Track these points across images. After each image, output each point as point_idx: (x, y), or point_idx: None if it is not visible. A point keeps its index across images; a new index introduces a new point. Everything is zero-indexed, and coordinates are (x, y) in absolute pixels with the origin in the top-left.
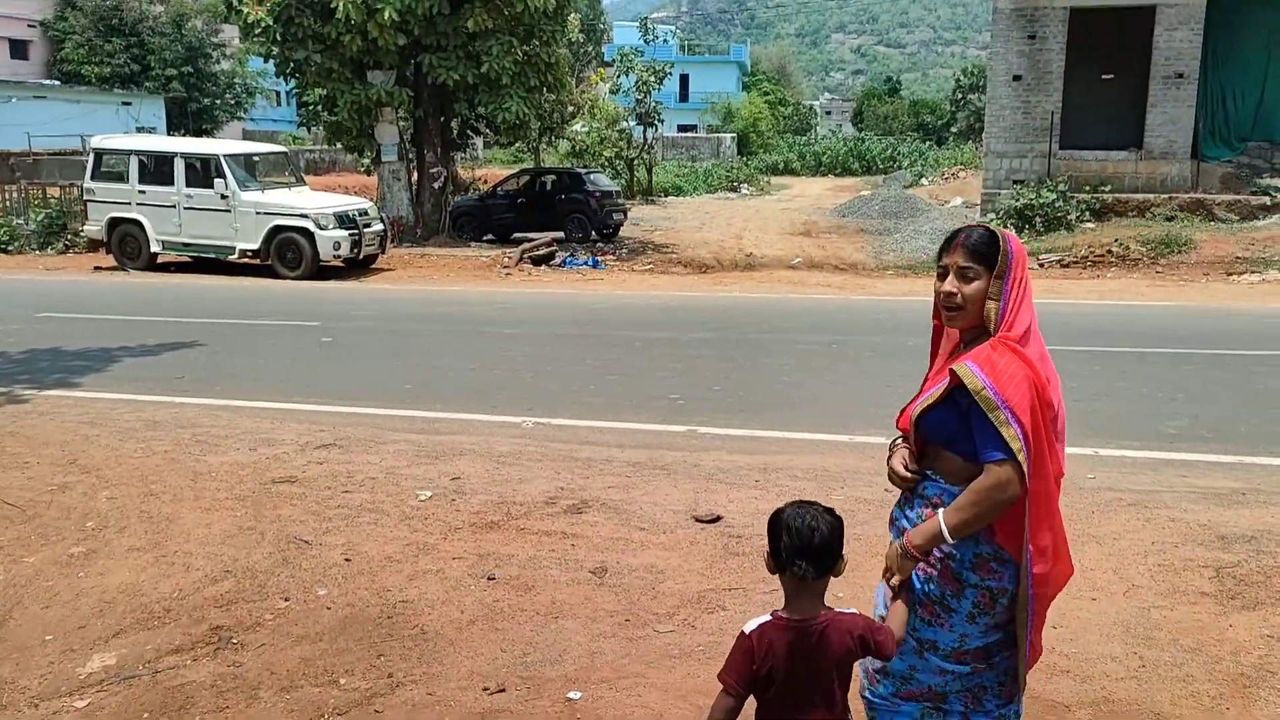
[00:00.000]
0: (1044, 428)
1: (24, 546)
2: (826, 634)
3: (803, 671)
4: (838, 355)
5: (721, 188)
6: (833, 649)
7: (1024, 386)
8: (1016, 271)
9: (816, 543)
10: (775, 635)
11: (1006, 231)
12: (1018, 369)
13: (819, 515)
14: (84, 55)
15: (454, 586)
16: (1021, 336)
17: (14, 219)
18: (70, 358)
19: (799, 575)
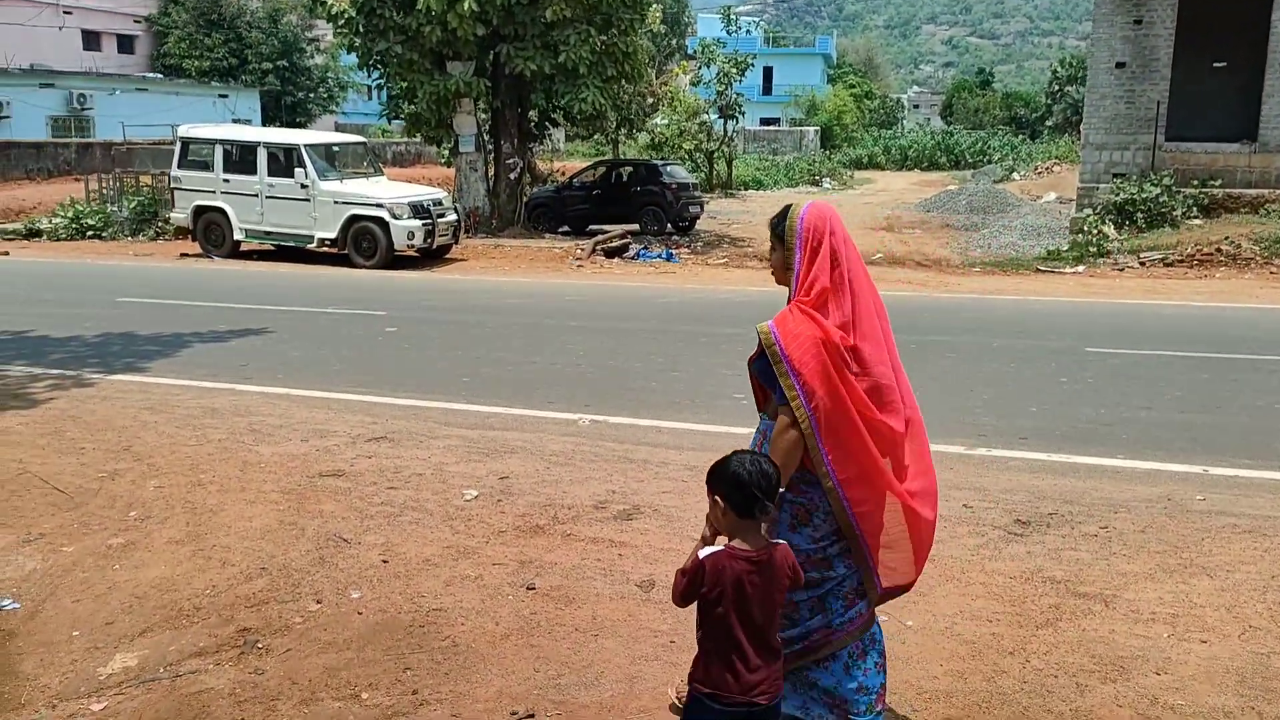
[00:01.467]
0: (840, 378)
1: (65, 535)
2: (774, 563)
3: (759, 598)
4: (916, 356)
5: (803, 181)
6: (779, 578)
7: (808, 344)
8: (804, 242)
9: (775, 483)
10: (730, 564)
11: (811, 204)
12: (805, 329)
13: (761, 459)
14: (185, 49)
15: (491, 595)
16: (817, 298)
17: (109, 206)
18: (142, 342)
19: (763, 514)
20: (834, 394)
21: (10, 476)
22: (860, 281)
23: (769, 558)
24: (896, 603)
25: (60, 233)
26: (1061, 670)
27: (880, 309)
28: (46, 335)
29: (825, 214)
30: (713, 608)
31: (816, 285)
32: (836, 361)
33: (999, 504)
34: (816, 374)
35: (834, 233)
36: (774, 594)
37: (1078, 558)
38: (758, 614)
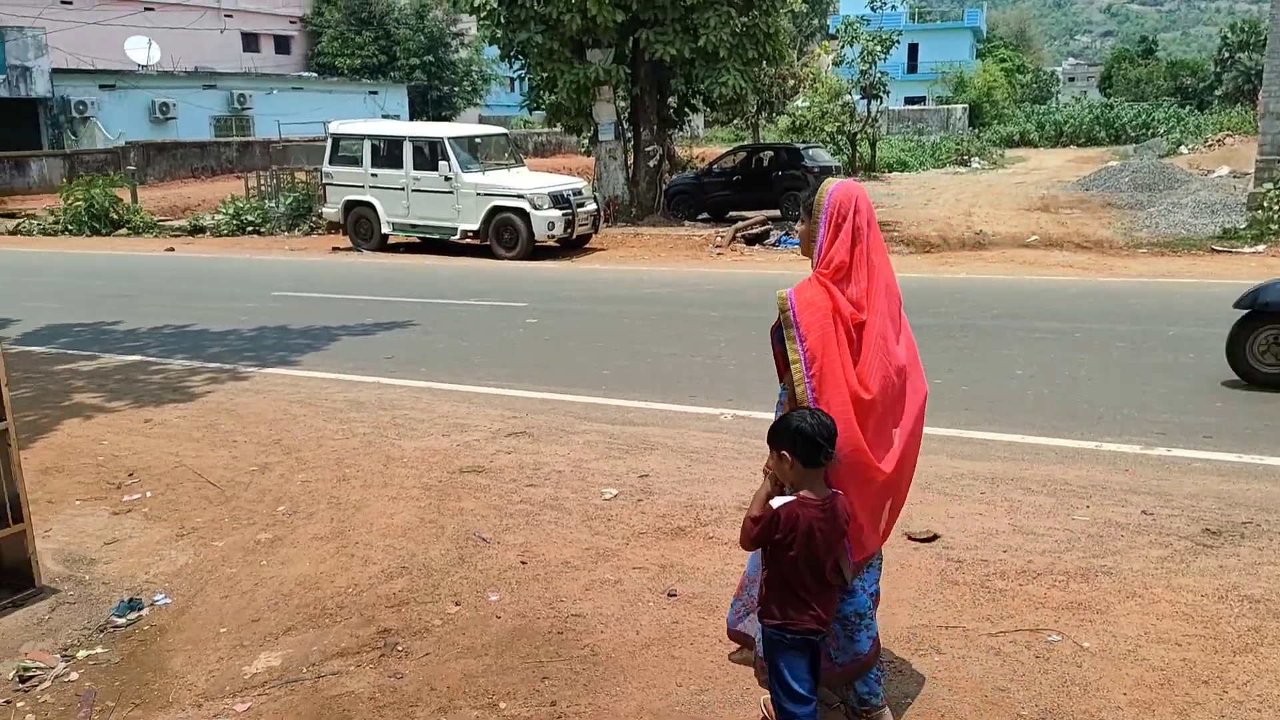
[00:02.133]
0: (839, 350)
1: (216, 530)
2: (838, 508)
3: (825, 541)
4: (1080, 346)
5: (950, 162)
6: (841, 522)
7: (819, 314)
8: (830, 218)
9: (833, 433)
10: (803, 512)
11: (841, 183)
12: (820, 299)
13: (820, 414)
14: (338, 48)
15: (631, 601)
16: (835, 272)
17: (266, 202)
18: (294, 335)
19: (826, 462)
20: (830, 363)
21: (167, 470)
22: (877, 261)
23: (834, 503)
24: (1071, 622)
25: (222, 229)
26: (1265, 704)
27: (893, 289)
28: (206, 329)
29: (853, 193)
30: (784, 552)
31: (836, 259)
32: (841, 333)
33: (1184, 511)
34: (820, 342)
35: (858, 211)
36: (837, 537)
37: (1279, 573)
38: (823, 555)
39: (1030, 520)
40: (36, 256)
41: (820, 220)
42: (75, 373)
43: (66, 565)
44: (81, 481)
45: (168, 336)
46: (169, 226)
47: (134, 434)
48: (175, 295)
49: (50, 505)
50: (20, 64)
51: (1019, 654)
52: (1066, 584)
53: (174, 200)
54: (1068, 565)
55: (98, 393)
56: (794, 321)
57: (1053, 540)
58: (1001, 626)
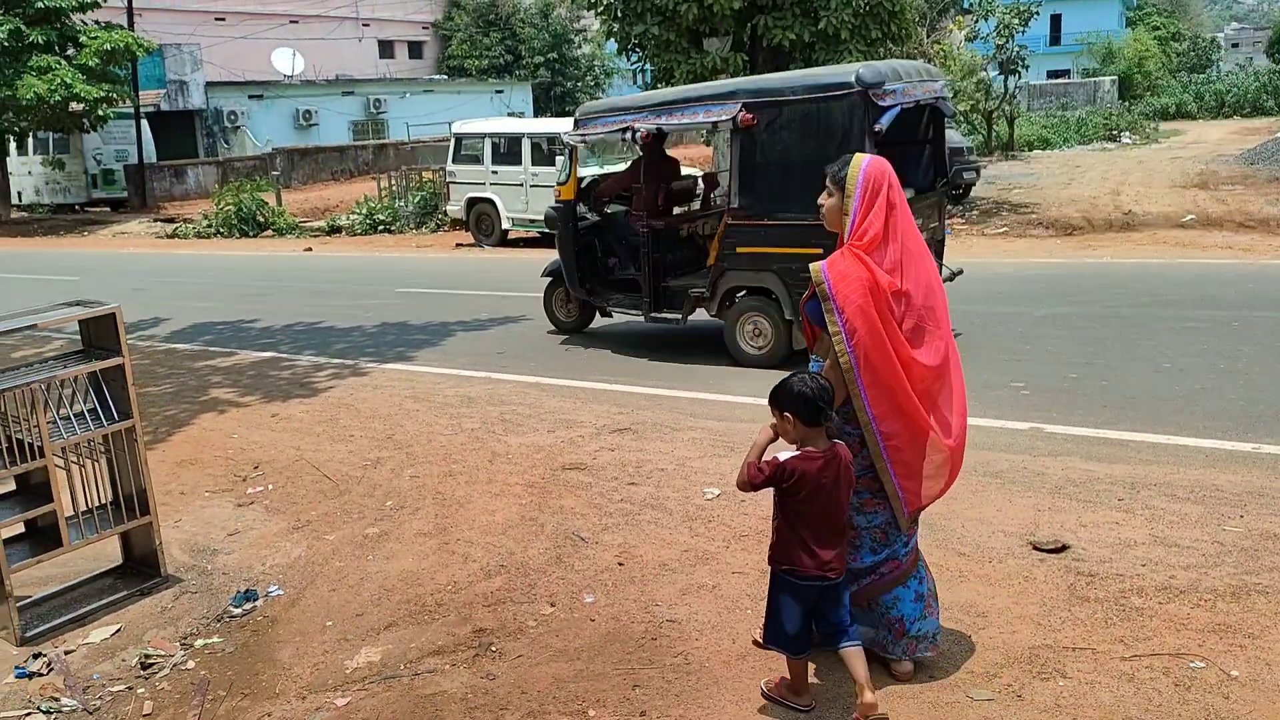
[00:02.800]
0: (880, 319)
1: (329, 523)
2: (841, 458)
3: (828, 486)
4: (1240, 337)
5: (1097, 137)
6: (845, 472)
7: (855, 285)
8: (865, 192)
9: (831, 395)
10: (807, 465)
11: (872, 158)
12: (854, 270)
13: (818, 377)
14: (466, 50)
15: (729, 608)
16: (869, 244)
17: (396, 202)
18: (413, 331)
19: (827, 420)
20: (874, 333)
21: (288, 463)
22: (909, 231)
23: (835, 455)
24: (1217, 649)
25: (356, 228)
26: None
27: (929, 258)
28: (333, 326)
29: (884, 167)
30: (791, 499)
31: (870, 231)
32: (880, 303)
33: None
34: (859, 313)
35: (891, 186)
36: (841, 485)
37: None
38: (829, 503)
39: (1174, 531)
40: (189, 259)
41: (855, 193)
42: (214, 369)
43: (192, 555)
44: (212, 474)
45: (298, 333)
46: (309, 228)
47: (262, 428)
48: (309, 293)
49: (182, 496)
50: (178, 78)
51: (1156, 681)
52: (1214, 604)
53: (315, 202)
54: (1215, 583)
55: (232, 388)
56: (830, 294)
57: (1199, 554)
58: (1137, 650)
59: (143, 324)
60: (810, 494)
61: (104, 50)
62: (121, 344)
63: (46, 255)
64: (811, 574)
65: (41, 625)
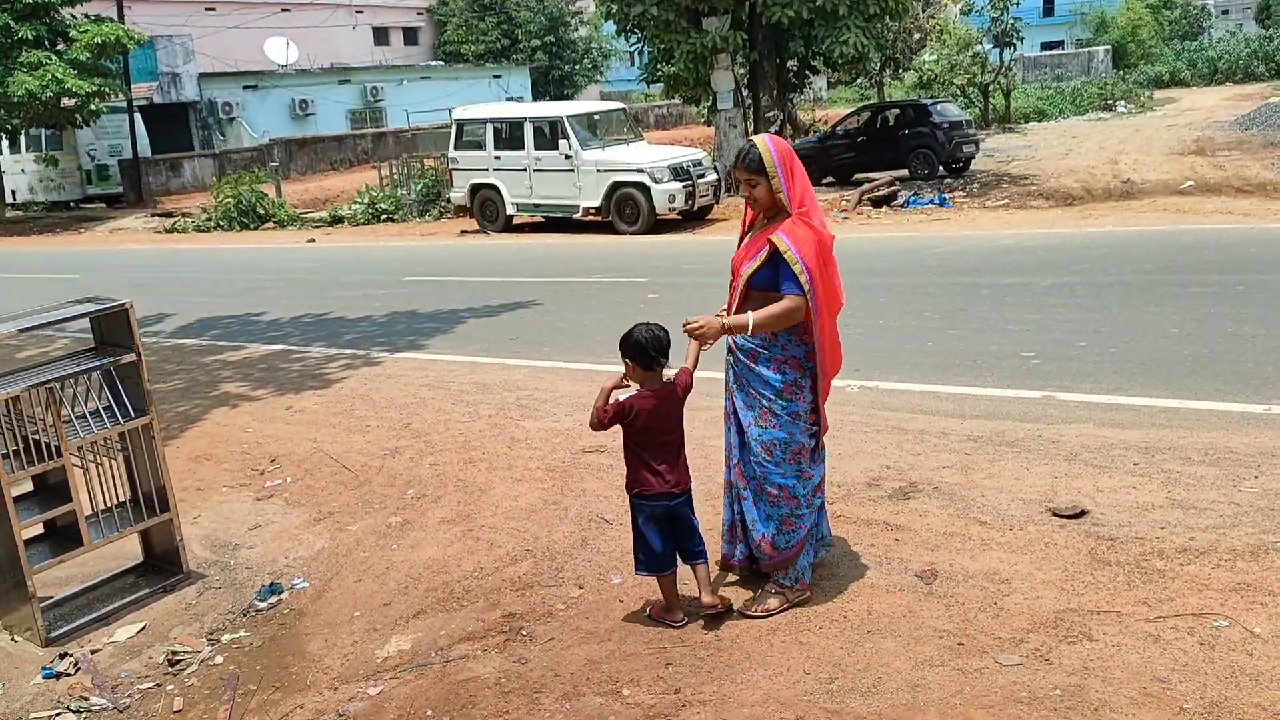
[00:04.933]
0: (825, 268)
1: (350, 514)
2: (671, 395)
3: (664, 414)
4: (1245, 300)
5: (1093, 108)
6: (675, 403)
7: (811, 246)
8: (786, 167)
9: (666, 343)
10: (642, 402)
11: (770, 138)
12: (807, 234)
13: (655, 327)
14: (462, 35)
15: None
16: (810, 208)
17: (399, 190)
18: (423, 320)
19: (660, 368)
20: (825, 283)
21: (306, 455)
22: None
23: (668, 393)
24: (1239, 607)
25: (358, 218)
26: None
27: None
28: (342, 316)
29: (781, 140)
30: (631, 431)
31: (805, 195)
32: (825, 255)
33: None
34: (817, 269)
35: (791, 154)
36: (676, 415)
37: None
38: (663, 431)
39: (1191, 493)
40: (190, 253)
41: (776, 172)
42: (224, 363)
43: (213, 551)
44: (228, 469)
45: (307, 325)
46: (310, 218)
47: (276, 421)
48: (315, 285)
49: (200, 492)
50: (171, 70)
51: (1181, 641)
52: (1233, 563)
53: (315, 193)
54: (1234, 542)
55: (244, 382)
56: (797, 257)
57: (1217, 515)
58: (1160, 611)
59: (147, 320)
60: (645, 425)
61: (95, 44)
62: (135, 340)
63: (43, 254)
64: (658, 492)
65: (65, 625)
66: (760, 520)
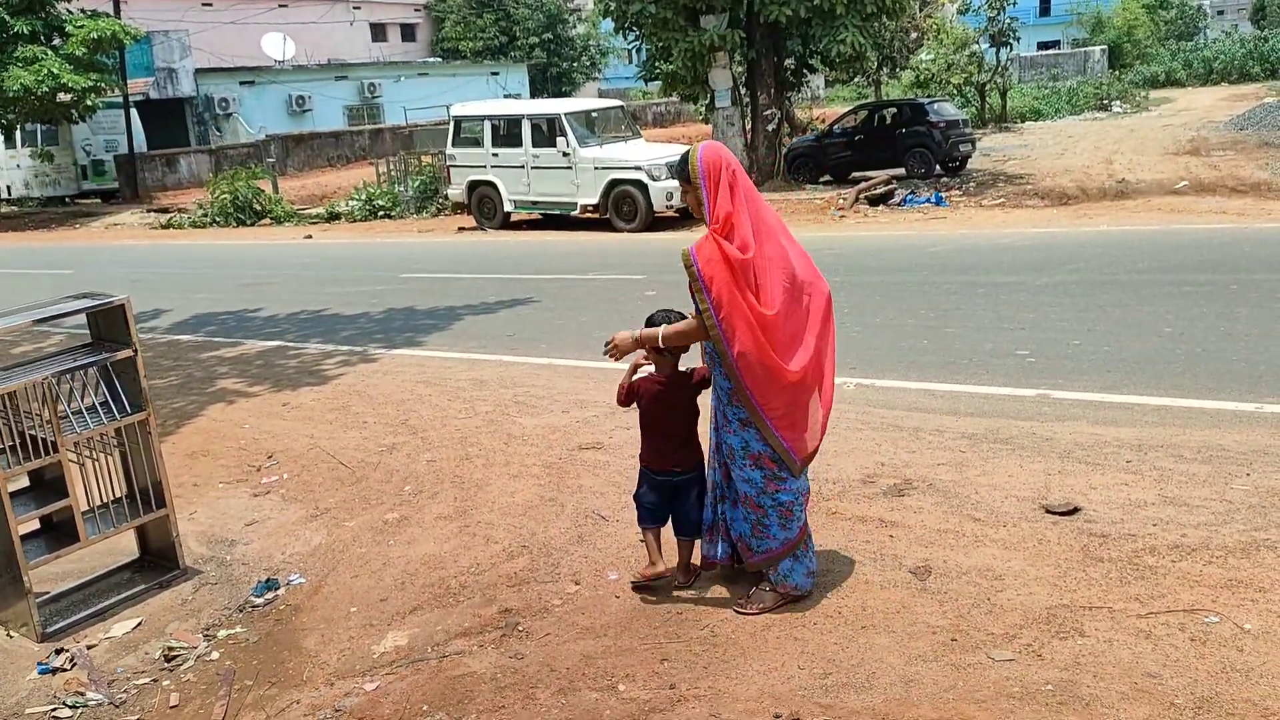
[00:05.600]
0: (739, 286)
1: (347, 510)
2: (680, 380)
3: (669, 404)
4: (1237, 299)
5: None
6: (684, 390)
7: (717, 264)
8: (713, 179)
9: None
10: (649, 385)
11: (706, 145)
12: (714, 252)
13: (674, 313)
14: (460, 32)
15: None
16: (725, 224)
17: (396, 187)
18: (420, 316)
19: (673, 355)
20: (735, 303)
21: (303, 451)
22: (755, 202)
23: (679, 379)
24: (1230, 603)
25: (356, 215)
26: None
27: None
28: (339, 313)
29: (717, 150)
30: (641, 412)
31: (723, 212)
32: (737, 276)
33: None
34: (726, 290)
35: (727, 165)
36: (681, 401)
37: None
38: (670, 414)
39: (1183, 490)
40: (186, 249)
41: (700, 183)
42: (220, 359)
43: (209, 547)
44: (225, 464)
45: (304, 321)
46: (307, 215)
47: (273, 417)
48: (312, 281)
49: (196, 489)
50: (167, 66)
51: (1172, 637)
52: (1225, 560)
53: (312, 189)
54: (1226, 539)
55: (240, 378)
56: (699, 275)
57: (1208, 512)
58: (1152, 607)
59: (143, 316)
60: (650, 405)
61: (91, 39)
62: (132, 335)
63: (38, 250)
64: (663, 469)
65: (61, 621)
66: (738, 520)
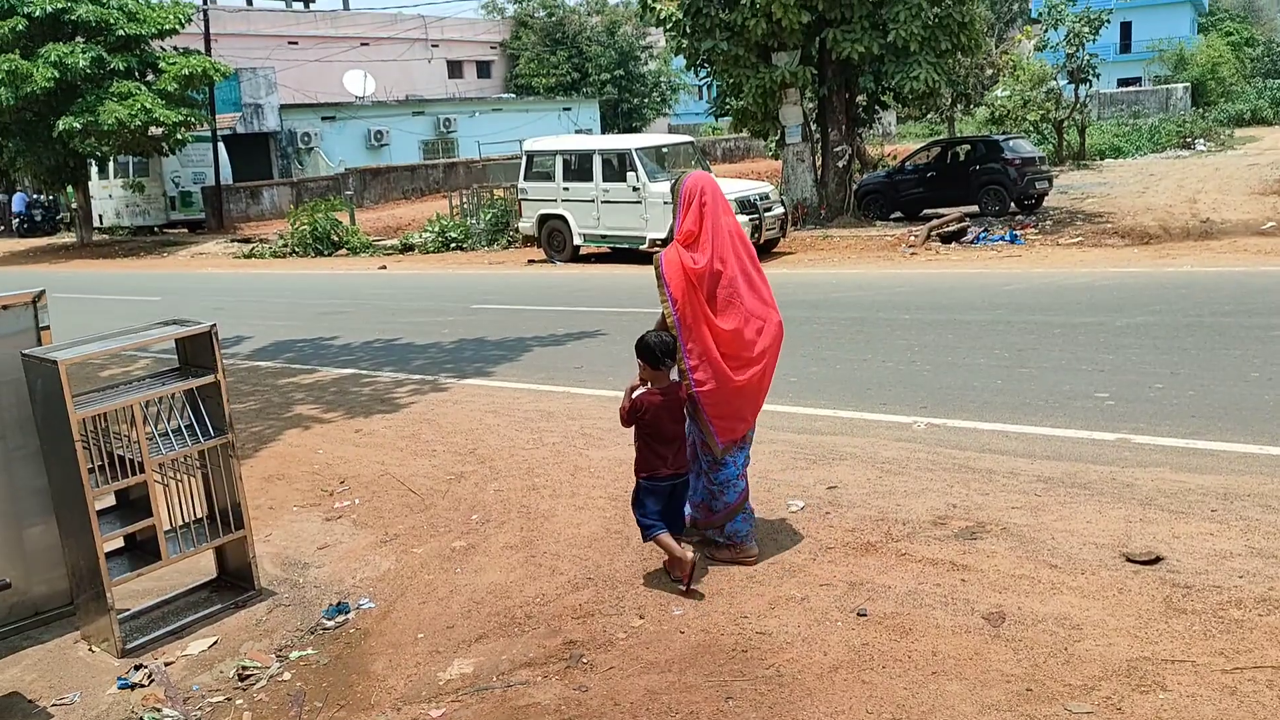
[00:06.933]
0: (692, 292)
1: (415, 537)
2: (676, 394)
3: (669, 414)
4: None
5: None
6: (680, 403)
7: (676, 270)
8: (684, 199)
9: (672, 348)
10: (651, 398)
11: (692, 174)
12: (675, 258)
13: (664, 334)
14: (534, 69)
15: (818, 620)
16: (686, 238)
17: (468, 219)
18: (490, 347)
19: (667, 369)
20: (688, 301)
21: (374, 478)
22: (722, 228)
23: (672, 391)
24: None
25: (429, 246)
26: None
27: (747, 245)
28: (412, 342)
29: (700, 182)
30: (643, 424)
31: (686, 228)
32: (693, 282)
33: None
34: (681, 290)
35: (704, 193)
36: (678, 413)
37: None
38: (670, 425)
39: (1271, 541)
40: (266, 278)
41: (678, 203)
42: (296, 385)
43: (283, 568)
44: (299, 488)
45: (377, 350)
46: (382, 246)
47: (346, 443)
48: (385, 310)
49: (271, 511)
50: (253, 101)
51: (1259, 694)
52: None
53: (387, 221)
54: None
55: (315, 404)
56: (662, 276)
57: None
58: (1238, 662)
59: (225, 342)
60: (653, 419)
61: (182, 75)
62: (217, 361)
63: (127, 276)
64: (667, 475)
65: (141, 638)
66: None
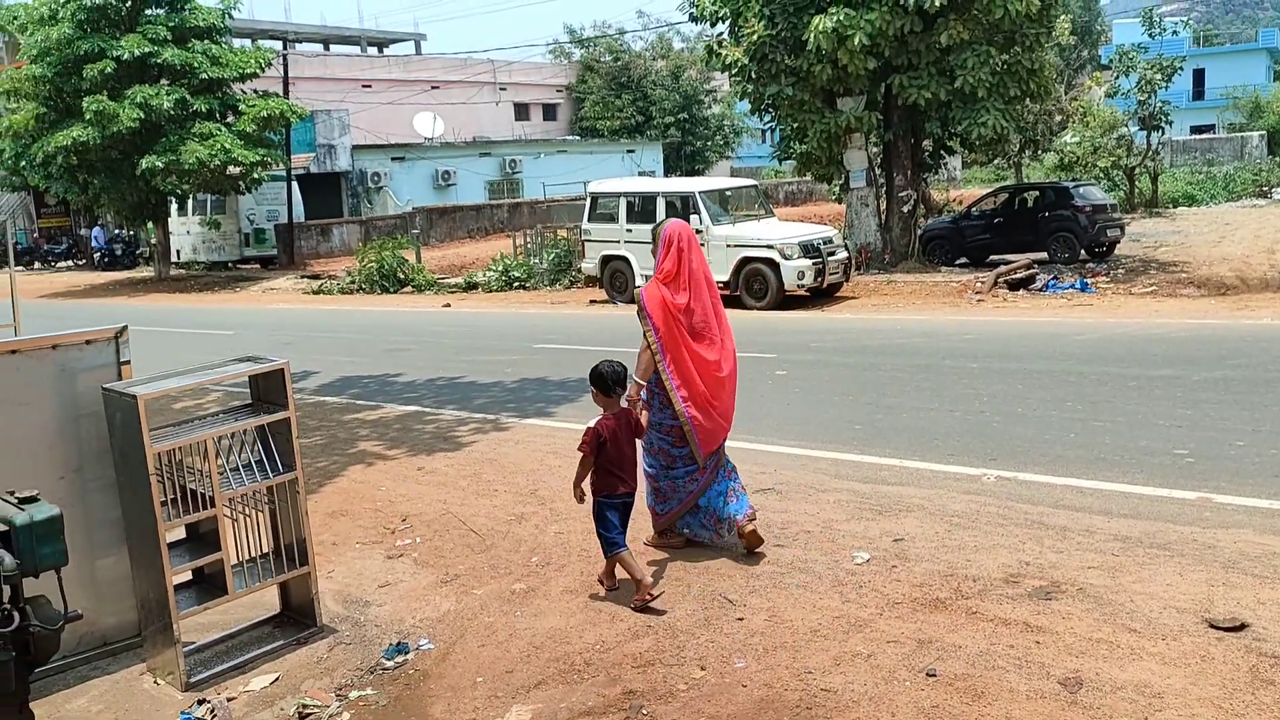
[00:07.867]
0: (675, 324)
1: (476, 578)
2: (627, 419)
3: (624, 436)
4: None
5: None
6: (631, 426)
7: (656, 303)
8: (665, 243)
9: (622, 376)
10: (606, 423)
11: (674, 222)
12: (655, 293)
13: (614, 363)
14: (599, 112)
15: (886, 679)
16: (664, 276)
17: (531, 259)
18: (552, 387)
19: (618, 395)
20: (668, 331)
21: (435, 516)
22: (697, 272)
23: (625, 418)
24: None
25: (492, 285)
26: None
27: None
28: (474, 380)
29: (678, 229)
30: (602, 447)
31: (665, 268)
32: (671, 313)
33: None
34: (660, 320)
35: (680, 238)
36: (630, 436)
37: None
38: (625, 448)
39: None
40: (334, 314)
41: (659, 246)
42: (361, 422)
43: (345, 606)
44: (362, 525)
45: (440, 388)
46: (447, 284)
47: (408, 481)
48: (449, 348)
49: (334, 547)
50: (327, 142)
51: None
52: None
53: (452, 259)
54: None
55: (379, 441)
56: (644, 308)
57: None
58: None
59: (294, 377)
60: (612, 438)
61: (261, 117)
62: (289, 398)
63: (202, 310)
64: (621, 493)
65: (205, 671)
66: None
